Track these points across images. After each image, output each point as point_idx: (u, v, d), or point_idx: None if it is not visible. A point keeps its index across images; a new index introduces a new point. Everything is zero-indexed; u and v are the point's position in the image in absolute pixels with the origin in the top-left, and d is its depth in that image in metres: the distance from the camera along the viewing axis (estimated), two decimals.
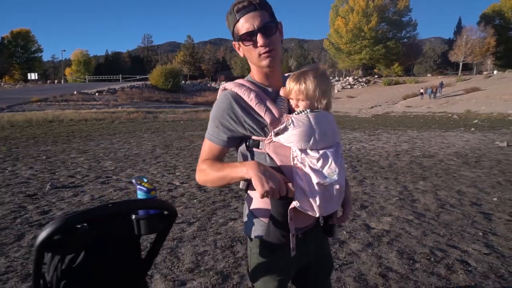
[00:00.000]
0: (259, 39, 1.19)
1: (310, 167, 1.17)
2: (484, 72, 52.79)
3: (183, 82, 54.88)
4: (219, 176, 1.23)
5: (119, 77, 57.91)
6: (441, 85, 38.67)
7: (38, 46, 74.85)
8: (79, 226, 1.09)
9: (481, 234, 3.56)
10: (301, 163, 1.18)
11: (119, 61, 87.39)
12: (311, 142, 1.18)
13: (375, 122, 19.63)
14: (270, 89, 1.30)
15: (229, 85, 1.28)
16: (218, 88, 1.38)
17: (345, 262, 2.96)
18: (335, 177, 1.17)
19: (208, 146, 1.31)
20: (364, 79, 56.66)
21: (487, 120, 18.86)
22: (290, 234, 1.22)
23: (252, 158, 1.27)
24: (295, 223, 1.24)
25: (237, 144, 1.32)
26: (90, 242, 1.15)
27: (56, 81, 63.08)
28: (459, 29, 67.16)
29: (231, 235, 3.54)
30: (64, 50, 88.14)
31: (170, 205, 1.22)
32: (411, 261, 2.96)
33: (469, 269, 2.84)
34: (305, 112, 1.22)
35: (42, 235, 1.01)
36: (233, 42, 1.31)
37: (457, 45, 55.62)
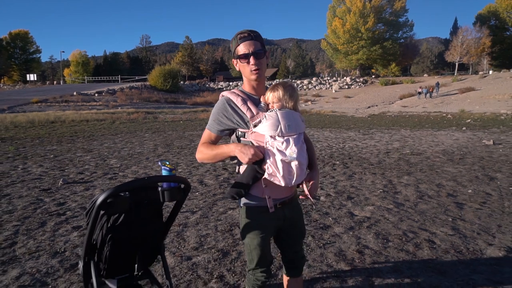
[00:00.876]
0: (251, 60, 1.72)
1: (277, 149, 1.64)
2: (480, 72, 53.44)
3: (181, 82, 55.32)
4: (214, 153, 1.76)
5: (118, 78, 58.32)
6: (437, 85, 39.30)
7: (37, 47, 75.11)
8: (122, 194, 1.55)
9: (450, 219, 4.03)
10: (271, 146, 1.65)
11: (118, 62, 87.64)
12: (277, 131, 1.65)
13: (371, 122, 20.11)
14: (256, 96, 1.81)
15: (225, 93, 1.83)
16: (217, 89, 1.92)
17: (328, 242, 3.43)
18: (294, 155, 1.64)
19: (207, 134, 1.84)
20: (361, 79, 57.19)
21: (480, 120, 19.35)
22: (266, 197, 1.73)
23: None
24: (275, 194, 1.75)
25: (228, 134, 1.83)
26: (129, 206, 1.61)
27: (55, 82, 63.42)
28: (455, 29, 67.82)
29: (230, 221, 4.00)
30: (63, 51, 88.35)
31: (186, 180, 1.69)
32: (385, 241, 3.43)
33: (434, 246, 3.31)
34: (275, 110, 1.70)
35: (100, 198, 1.47)
36: (233, 59, 1.83)
37: (453, 45, 56.22)
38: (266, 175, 1.65)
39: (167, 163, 1.66)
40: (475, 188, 5.44)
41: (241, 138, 1.76)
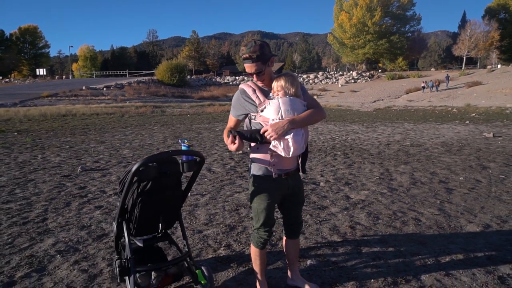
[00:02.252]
0: (254, 77, 2.16)
1: None
2: (488, 66, 53.04)
3: (188, 77, 55.75)
4: (225, 139, 2.17)
5: (125, 72, 58.91)
6: (447, 78, 39.49)
7: (46, 42, 76.07)
8: (150, 164, 1.95)
9: (438, 202, 4.40)
10: None
11: (125, 56, 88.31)
12: (278, 115, 2.03)
13: (375, 115, 20.36)
14: (265, 88, 2.21)
15: (241, 85, 2.23)
16: (223, 83, 2.34)
17: (324, 219, 3.82)
18: (291, 132, 2.02)
19: (230, 118, 2.27)
20: (367, 73, 57.11)
21: (485, 114, 19.47)
22: (270, 166, 2.13)
23: (251, 126, 2.19)
24: (281, 166, 2.17)
25: (243, 118, 2.23)
26: (156, 175, 2.01)
27: (64, 76, 64.29)
28: (463, 23, 67.08)
29: (237, 202, 4.41)
30: (72, 46, 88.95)
31: (201, 154, 2.09)
32: (375, 219, 3.81)
33: (419, 223, 3.68)
34: (277, 98, 2.08)
35: (135, 166, 1.87)
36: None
37: (461, 39, 55.78)
38: (271, 146, 2.05)
39: (186, 140, 2.07)
40: (467, 176, 5.78)
41: (252, 120, 2.17)
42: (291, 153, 2.03)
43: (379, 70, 61.57)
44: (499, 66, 49.28)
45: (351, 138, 10.64)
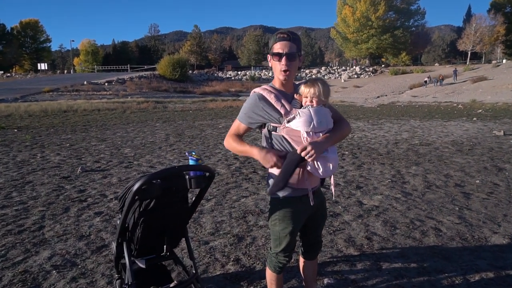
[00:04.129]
0: (283, 60, 1.81)
1: None
2: (493, 61, 52.46)
3: (190, 72, 55.41)
4: (239, 150, 1.92)
5: (127, 67, 58.56)
6: (455, 72, 39.37)
7: (47, 36, 75.75)
8: (154, 181, 1.72)
9: (457, 209, 4.16)
10: (307, 141, 1.77)
11: (127, 51, 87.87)
12: (311, 127, 1.77)
13: (380, 112, 20.05)
14: (287, 93, 1.91)
15: (258, 89, 1.92)
16: (225, 78, 2.03)
17: (338, 229, 3.59)
18: (327, 150, 1.79)
19: (237, 124, 1.96)
20: (371, 68, 56.63)
21: (491, 110, 19.14)
22: (309, 190, 1.86)
23: (271, 139, 1.90)
24: (310, 184, 1.88)
25: (259, 128, 1.93)
26: (159, 192, 1.78)
27: (65, 71, 63.99)
28: (468, 17, 66.33)
29: (244, 208, 4.18)
30: (73, 40, 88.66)
31: (211, 168, 1.85)
32: (392, 228, 3.58)
33: (440, 234, 3.45)
34: (307, 107, 1.82)
35: (136, 185, 1.64)
36: (268, 55, 1.92)
37: (465, 33, 55.16)
38: (308, 168, 1.79)
39: (194, 153, 1.83)
40: (483, 178, 5.53)
41: (273, 132, 1.87)
42: (329, 172, 1.80)
43: (382, 65, 61.02)
44: (504, 61, 48.72)
45: (357, 136, 10.38)
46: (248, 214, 4.01)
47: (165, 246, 2.06)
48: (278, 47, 1.80)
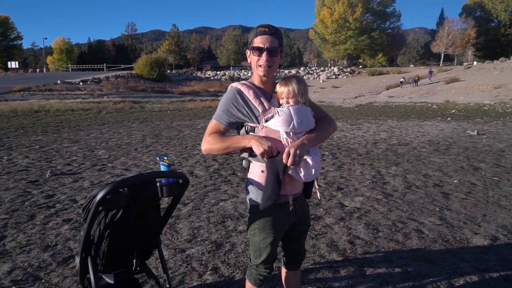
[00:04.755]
0: (264, 55, 1.67)
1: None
2: (464, 63, 54.25)
3: (168, 71, 54.57)
4: (225, 145, 1.70)
5: (103, 66, 57.07)
6: (431, 73, 41.31)
7: (18, 33, 72.72)
8: (121, 190, 1.54)
9: (438, 209, 4.14)
10: (287, 142, 1.64)
11: (103, 50, 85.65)
12: (291, 127, 1.64)
13: (358, 112, 20.27)
14: (266, 91, 1.77)
15: (236, 84, 1.76)
16: (204, 78, 1.83)
17: (320, 232, 3.48)
18: (309, 152, 1.66)
19: (214, 124, 1.76)
20: (348, 69, 57.47)
21: (464, 110, 19.69)
22: (289, 195, 1.71)
23: None
24: (292, 190, 1.74)
25: (236, 128, 1.78)
26: (127, 202, 1.60)
27: (37, 69, 61.74)
28: (441, 20, 68.47)
29: (222, 212, 4.02)
30: (46, 38, 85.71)
31: (185, 175, 1.69)
32: (375, 231, 3.51)
33: (422, 236, 3.40)
34: (287, 106, 1.69)
35: (100, 194, 1.46)
36: (247, 49, 1.77)
37: (439, 36, 56.82)
38: (289, 172, 1.64)
39: (166, 158, 1.65)
40: (461, 178, 5.58)
41: (251, 133, 1.71)
42: (311, 176, 1.67)
43: (360, 66, 62.07)
44: (475, 63, 50.44)
45: (337, 136, 10.39)
46: (227, 218, 3.85)
47: (135, 260, 1.88)
48: (258, 41, 1.67)
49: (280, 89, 1.73)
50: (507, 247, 3.16)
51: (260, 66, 1.68)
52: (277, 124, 1.64)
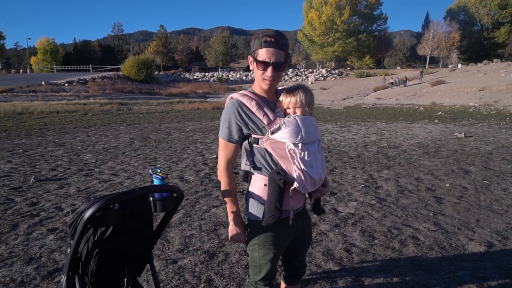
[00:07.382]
0: (269, 70, 1.57)
1: (300, 158, 1.56)
2: (449, 66, 55.26)
3: (156, 73, 54.05)
4: (225, 198, 1.73)
5: (89, 67, 56.19)
6: (421, 73, 42.47)
7: (0, 32, 71.05)
8: (111, 206, 1.43)
9: (431, 215, 4.12)
10: (294, 153, 1.57)
11: (89, 50, 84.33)
12: (299, 138, 1.57)
13: (347, 114, 20.37)
14: (269, 100, 1.69)
15: (235, 95, 1.67)
16: (192, 79, 1.75)
17: (315, 240, 3.41)
18: (313, 162, 1.59)
19: (223, 145, 1.67)
20: (336, 71, 57.90)
21: (450, 112, 19.98)
22: (291, 210, 1.64)
23: (253, 152, 1.66)
24: (294, 205, 1.67)
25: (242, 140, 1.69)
26: (118, 218, 1.50)
27: (21, 70, 60.35)
28: (426, 23, 69.64)
29: (215, 220, 3.92)
30: (29, 38, 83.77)
31: (179, 188, 1.59)
32: (371, 238, 3.45)
33: (418, 243, 3.36)
34: (293, 116, 1.62)
35: (88, 212, 1.35)
36: (249, 56, 1.66)
37: (424, 39, 57.79)
38: (295, 186, 1.56)
39: (159, 170, 1.55)
40: (452, 182, 5.59)
41: (254, 145, 1.63)
42: (314, 188, 1.63)
43: (348, 68, 62.62)
44: (459, 65, 51.42)
45: (327, 139, 10.38)
46: (220, 226, 3.75)
47: (126, 278, 1.76)
48: (264, 55, 1.56)
49: (287, 99, 1.66)
50: (503, 254, 3.14)
51: (265, 79, 1.60)
52: (284, 136, 1.57)
